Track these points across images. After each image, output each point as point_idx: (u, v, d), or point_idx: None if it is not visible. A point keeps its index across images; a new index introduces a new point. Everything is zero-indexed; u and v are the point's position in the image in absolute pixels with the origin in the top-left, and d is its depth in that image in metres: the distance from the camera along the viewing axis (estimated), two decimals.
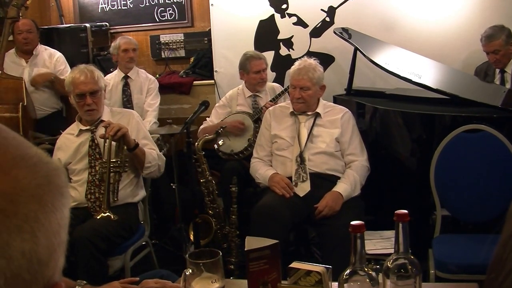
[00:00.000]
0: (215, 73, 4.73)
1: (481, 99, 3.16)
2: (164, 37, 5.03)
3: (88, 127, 2.90)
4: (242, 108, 3.93)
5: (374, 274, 1.34)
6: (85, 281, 1.71)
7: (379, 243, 2.71)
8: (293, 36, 4.55)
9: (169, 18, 5.03)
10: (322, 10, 4.42)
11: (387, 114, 3.33)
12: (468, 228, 2.89)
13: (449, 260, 2.45)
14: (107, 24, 5.08)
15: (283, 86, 4.08)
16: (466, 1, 4.13)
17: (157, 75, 4.86)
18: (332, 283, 1.48)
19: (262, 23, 4.59)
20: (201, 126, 3.89)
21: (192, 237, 3.08)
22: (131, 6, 5.08)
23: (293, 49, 4.55)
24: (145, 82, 4.36)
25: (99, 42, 4.92)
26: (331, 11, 4.40)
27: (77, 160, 2.88)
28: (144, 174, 2.95)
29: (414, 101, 3.39)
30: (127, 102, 4.26)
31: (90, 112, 2.86)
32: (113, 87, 4.26)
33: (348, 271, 1.33)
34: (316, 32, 4.47)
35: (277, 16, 4.55)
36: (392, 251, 1.41)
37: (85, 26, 4.78)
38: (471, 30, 4.03)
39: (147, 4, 5.04)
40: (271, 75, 4.43)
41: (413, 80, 3.27)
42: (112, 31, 5.11)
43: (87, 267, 2.52)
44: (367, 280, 1.32)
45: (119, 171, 2.75)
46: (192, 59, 4.92)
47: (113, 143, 2.73)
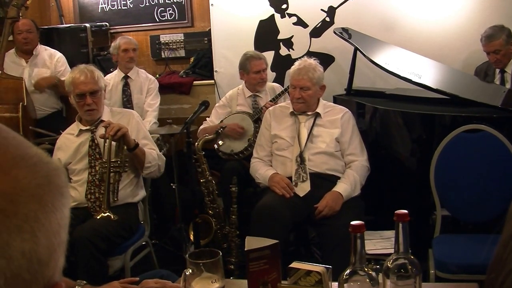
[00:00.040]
0: (215, 73, 4.73)
1: (481, 99, 3.16)
2: (164, 37, 5.03)
3: (88, 127, 2.90)
4: (242, 108, 3.93)
5: (374, 274, 1.34)
6: (85, 281, 1.72)
7: (379, 243, 2.71)
8: (293, 36, 4.55)
9: (169, 18, 5.03)
10: (322, 10, 4.42)
11: (387, 114, 3.33)
12: (468, 228, 2.89)
13: (449, 260, 2.45)
14: (107, 24, 5.08)
15: (283, 86, 4.08)
16: (466, 1, 4.13)
17: (157, 75, 4.86)
18: (332, 283, 1.48)
19: (262, 23, 4.59)
20: (201, 126, 3.89)
21: (192, 237, 3.08)
22: (131, 6, 5.08)
23: (293, 49, 4.55)
24: (145, 82, 4.36)
25: (99, 42, 4.92)
26: (331, 11, 4.40)
27: (77, 160, 2.88)
28: (144, 174, 2.95)
29: (414, 101, 3.39)
30: (127, 102, 4.26)
31: (90, 112, 2.86)
32: (113, 87, 4.26)
33: (348, 271, 1.33)
34: (316, 32, 4.47)
35: (277, 16, 4.55)
36: (392, 251, 1.41)
37: (85, 26, 4.78)
38: (471, 30, 4.03)
39: (147, 4, 5.04)
40: (271, 75, 4.43)
41: (413, 80, 3.27)
42: (112, 31, 5.11)
43: (87, 267, 2.52)
44: (367, 280, 1.32)
45: (119, 171, 2.75)
46: (192, 59, 4.92)
47: (113, 143, 2.73)
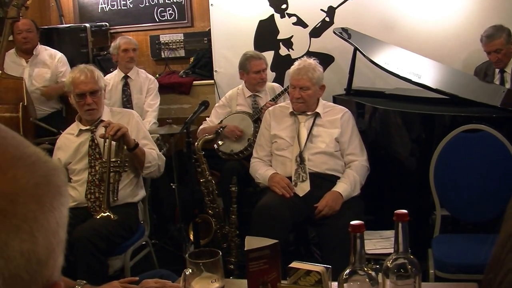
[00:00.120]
0: (215, 73, 4.73)
1: (481, 99, 3.16)
2: (164, 37, 5.03)
3: (88, 127, 2.90)
4: (242, 108, 3.93)
5: (374, 274, 1.34)
6: (85, 281, 1.72)
7: (379, 243, 2.71)
8: (293, 36, 4.55)
9: (169, 18, 5.03)
10: (322, 10, 4.42)
11: (387, 114, 3.33)
12: (468, 228, 2.89)
13: (449, 260, 2.45)
14: (107, 24, 5.08)
15: (283, 86, 4.08)
16: (466, 1, 4.14)
17: (157, 75, 4.86)
18: (332, 283, 1.48)
19: (262, 23, 4.59)
20: (201, 126, 3.89)
21: (192, 237, 3.08)
22: (131, 6, 5.08)
23: (293, 49, 4.55)
24: (145, 82, 4.36)
25: (99, 42, 4.92)
26: (331, 11, 4.40)
27: (77, 160, 2.88)
28: (144, 174, 2.95)
29: (414, 101, 3.39)
30: (127, 102, 4.26)
31: (90, 112, 2.86)
32: (113, 87, 4.26)
33: (348, 271, 1.33)
34: (316, 32, 4.47)
35: (277, 16, 4.55)
36: (392, 251, 1.41)
37: (85, 26, 4.78)
38: (471, 30, 4.03)
39: (147, 4, 5.04)
40: (271, 75, 4.43)
41: (413, 80, 3.27)
42: (112, 31, 5.11)
43: (87, 267, 2.52)
44: (367, 280, 1.32)
45: (119, 171, 2.75)
46: (192, 59, 4.92)
47: (113, 143, 2.73)
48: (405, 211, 1.34)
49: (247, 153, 3.60)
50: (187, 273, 1.50)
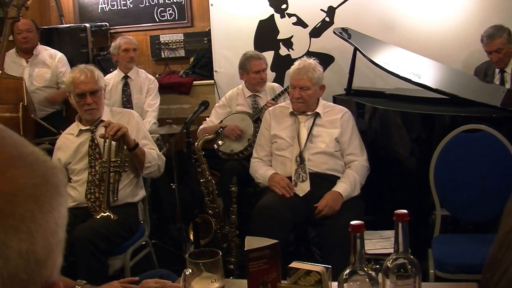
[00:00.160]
0: (215, 73, 4.73)
1: (481, 99, 3.16)
2: (164, 37, 5.03)
3: (88, 127, 2.91)
4: (242, 108, 3.93)
5: (374, 274, 1.34)
6: (85, 281, 1.72)
7: (379, 243, 2.71)
8: (293, 36, 4.55)
9: (169, 18, 5.03)
10: (322, 10, 4.42)
11: (387, 114, 3.33)
12: (468, 228, 2.89)
13: (449, 260, 2.45)
14: (107, 24, 5.08)
15: (283, 86, 4.08)
16: (466, 1, 4.13)
17: (157, 75, 4.86)
18: (332, 283, 1.48)
19: (262, 23, 4.59)
20: (201, 126, 3.89)
21: (192, 237, 3.08)
22: (131, 6, 5.08)
23: (293, 49, 4.55)
24: (145, 82, 4.36)
25: (99, 42, 4.92)
26: (331, 11, 4.40)
27: (77, 160, 2.88)
28: (144, 174, 2.95)
29: (414, 101, 3.39)
30: (127, 102, 4.26)
31: (91, 111, 2.86)
32: (113, 87, 4.26)
33: (348, 271, 1.33)
34: (316, 32, 4.47)
35: (277, 16, 4.55)
36: (392, 251, 1.41)
37: (85, 26, 4.78)
38: (471, 30, 4.03)
39: (147, 4, 5.04)
40: (271, 75, 4.43)
41: (413, 80, 3.27)
42: (112, 31, 5.11)
43: (87, 267, 2.52)
44: (367, 280, 1.32)
45: (119, 171, 2.75)
46: (192, 59, 4.92)
47: (113, 143, 2.73)
48: (405, 211, 1.34)
49: (247, 153, 3.60)
50: (187, 273, 1.50)
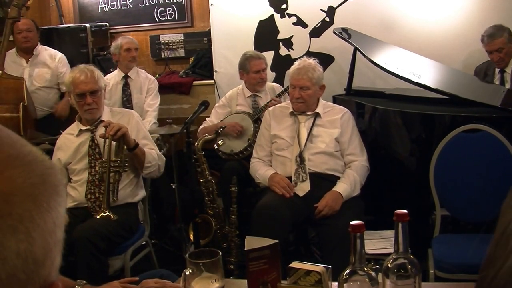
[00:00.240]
0: (215, 73, 4.73)
1: (481, 99, 3.16)
2: (164, 37, 5.03)
3: (88, 127, 2.91)
4: (242, 108, 3.93)
5: (374, 274, 1.34)
6: (85, 281, 1.71)
7: (379, 243, 2.71)
8: (293, 36, 4.55)
9: (169, 18, 5.03)
10: (322, 10, 4.42)
11: (387, 114, 3.33)
12: (468, 228, 2.89)
13: (449, 260, 2.45)
14: (107, 24, 5.09)
15: (283, 86, 4.08)
16: (466, 1, 4.13)
17: (157, 75, 4.86)
18: (332, 283, 1.48)
19: (262, 23, 4.59)
20: (201, 126, 3.89)
21: (192, 237, 3.08)
22: (131, 6, 5.08)
23: (293, 49, 4.55)
24: (145, 82, 4.36)
25: (99, 42, 4.92)
26: (331, 11, 4.40)
27: (77, 160, 2.88)
28: (144, 174, 2.95)
29: (414, 101, 3.39)
30: (127, 102, 4.26)
31: (91, 111, 2.86)
32: (113, 87, 4.26)
33: (348, 271, 1.33)
34: (316, 32, 4.47)
35: (277, 16, 4.55)
36: (392, 251, 1.41)
37: (85, 26, 4.78)
38: (471, 30, 4.03)
39: (147, 4, 5.04)
40: (271, 75, 4.43)
41: (413, 80, 3.27)
42: (112, 31, 5.11)
43: (87, 267, 2.52)
44: (367, 280, 1.32)
45: (119, 171, 2.75)
46: (192, 59, 4.92)
47: (113, 143, 2.73)
48: (405, 211, 1.34)
49: (247, 153, 3.60)
50: (187, 273, 1.50)
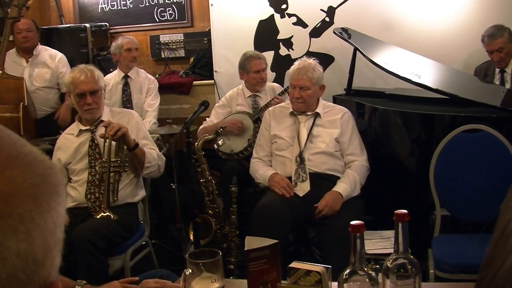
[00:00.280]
0: (215, 73, 4.73)
1: (481, 99, 3.16)
2: (164, 37, 5.03)
3: (88, 127, 2.91)
4: (242, 108, 3.93)
5: (374, 274, 1.34)
6: (85, 281, 1.72)
7: (379, 243, 2.72)
8: (293, 36, 4.55)
9: (169, 18, 5.03)
10: (322, 10, 4.42)
11: (387, 114, 3.33)
12: (468, 228, 2.89)
13: (449, 260, 2.45)
14: (107, 24, 5.08)
15: (283, 86, 4.08)
16: (466, 1, 4.13)
17: (157, 75, 4.86)
18: (332, 283, 1.48)
19: (262, 23, 4.59)
20: (201, 126, 3.89)
21: (192, 237, 3.08)
22: (131, 6, 5.08)
23: (293, 49, 4.55)
24: (145, 82, 4.36)
25: (99, 42, 4.92)
26: (331, 11, 4.40)
27: (77, 160, 2.88)
28: (144, 174, 2.95)
29: (414, 101, 3.39)
30: (127, 102, 4.26)
31: (91, 111, 2.86)
32: (113, 87, 4.26)
33: (348, 271, 1.33)
34: (316, 32, 4.47)
35: (277, 16, 4.55)
36: (392, 251, 1.41)
37: (85, 26, 4.78)
38: (471, 30, 4.03)
39: (147, 4, 5.04)
40: (271, 75, 4.43)
41: (413, 80, 3.27)
42: (112, 31, 5.11)
43: (87, 267, 2.52)
44: (367, 280, 1.32)
45: (119, 171, 2.75)
46: (192, 59, 4.92)
47: (113, 143, 2.73)
48: (405, 211, 1.34)
49: (247, 153, 3.60)
50: (187, 273, 1.50)
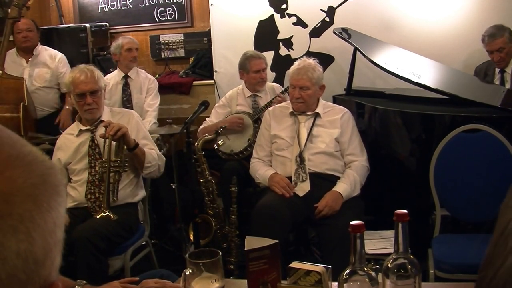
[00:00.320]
0: (215, 73, 4.73)
1: (481, 99, 3.16)
2: (164, 37, 5.03)
3: (88, 127, 2.91)
4: (242, 108, 3.93)
5: (374, 274, 1.34)
6: (85, 281, 1.72)
7: (379, 243, 2.72)
8: (293, 36, 4.55)
9: (169, 18, 5.03)
10: (322, 10, 4.42)
11: (387, 114, 3.33)
12: (468, 228, 2.89)
13: (449, 260, 2.45)
14: (107, 24, 5.08)
15: (283, 86, 4.08)
16: (466, 1, 4.13)
17: (157, 75, 4.86)
18: (332, 283, 1.48)
19: (262, 23, 4.59)
20: (201, 126, 3.89)
21: (192, 237, 3.08)
22: (131, 6, 5.08)
23: (293, 49, 4.55)
24: (145, 82, 4.36)
25: (99, 42, 4.92)
26: (331, 11, 4.40)
27: (77, 160, 2.88)
28: (144, 174, 2.95)
29: (414, 101, 3.39)
30: (127, 102, 4.26)
31: (91, 111, 2.86)
32: (113, 87, 4.26)
33: (348, 271, 1.33)
34: (316, 32, 4.47)
35: (277, 16, 4.55)
36: (392, 251, 1.41)
37: (85, 26, 4.78)
38: (471, 30, 4.03)
39: (147, 4, 5.04)
40: (271, 75, 4.43)
41: (413, 80, 3.27)
42: (112, 31, 5.11)
43: (87, 267, 2.52)
44: (367, 280, 1.32)
45: (119, 171, 2.75)
46: (192, 59, 4.92)
47: (113, 143, 2.73)
48: (405, 211, 1.34)
49: (247, 153, 3.60)
50: (187, 273, 1.50)
